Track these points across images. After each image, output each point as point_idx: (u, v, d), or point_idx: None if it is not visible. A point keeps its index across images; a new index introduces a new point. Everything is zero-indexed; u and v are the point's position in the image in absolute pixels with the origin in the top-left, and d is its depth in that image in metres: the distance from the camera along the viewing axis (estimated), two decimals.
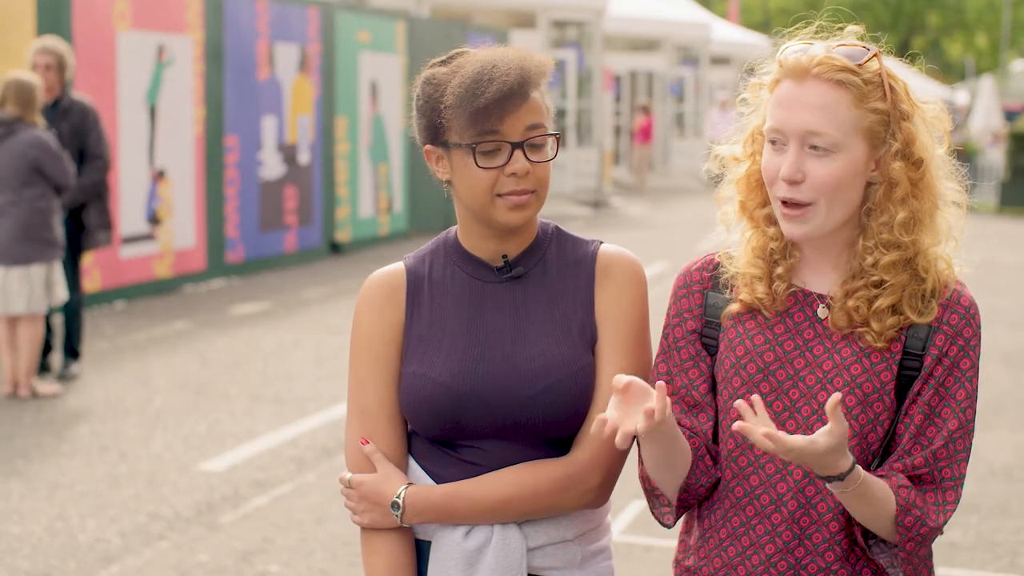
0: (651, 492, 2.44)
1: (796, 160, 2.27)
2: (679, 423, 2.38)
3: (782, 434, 2.10)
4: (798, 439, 2.10)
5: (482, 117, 2.35)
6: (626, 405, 2.17)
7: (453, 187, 2.46)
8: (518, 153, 2.38)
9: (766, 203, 2.38)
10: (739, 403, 2.14)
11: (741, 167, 2.42)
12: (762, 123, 2.35)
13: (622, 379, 2.17)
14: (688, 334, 2.41)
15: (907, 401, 2.30)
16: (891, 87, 2.29)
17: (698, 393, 2.40)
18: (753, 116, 2.40)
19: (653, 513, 2.47)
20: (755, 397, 2.16)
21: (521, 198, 2.39)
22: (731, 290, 2.39)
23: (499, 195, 2.39)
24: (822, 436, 2.11)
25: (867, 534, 2.32)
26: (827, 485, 2.20)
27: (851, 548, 2.32)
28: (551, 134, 2.42)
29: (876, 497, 2.22)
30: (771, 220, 2.37)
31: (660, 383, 2.14)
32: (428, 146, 2.45)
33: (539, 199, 2.42)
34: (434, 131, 2.43)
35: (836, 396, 2.09)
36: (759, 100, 2.39)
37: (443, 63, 2.46)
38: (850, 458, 2.17)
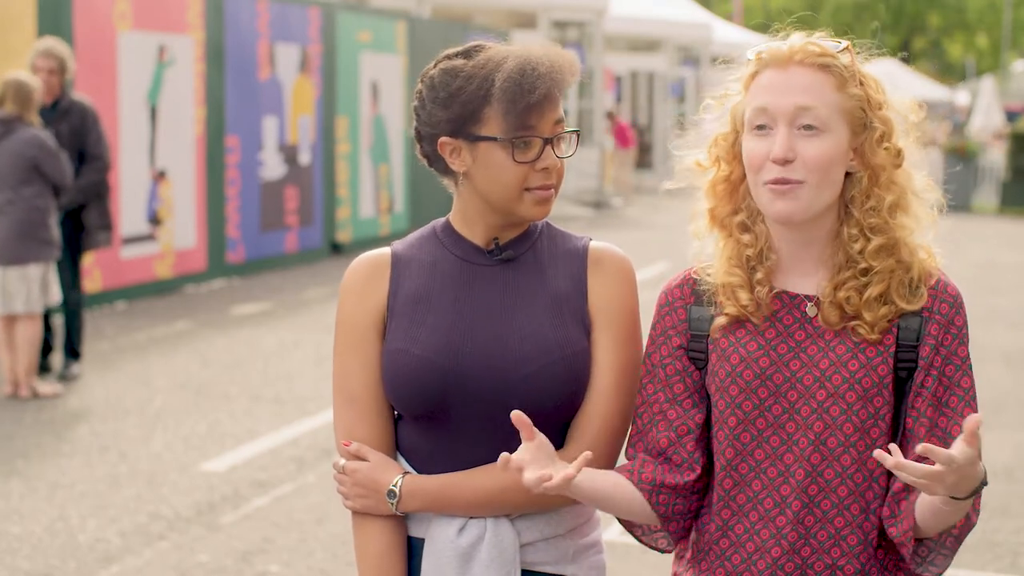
0: (627, 524, 2.46)
1: (787, 139, 2.27)
2: (659, 441, 2.39)
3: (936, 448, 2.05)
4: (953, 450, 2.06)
5: (531, 112, 2.36)
6: (538, 452, 2.24)
7: (469, 179, 2.43)
8: (548, 148, 2.39)
9: (737, 210, 2.38)
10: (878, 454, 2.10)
11: (707, 175, 2.42)
12: (728, 130, 2.36)
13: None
14: (674, 350, 2.41)
15: (911, 394, 2.30)
16: (861, 81, 2.32)
17: (680, 407, 2.39)
18: (716, 123, 2.41)
19: (642, 542, 2.49)
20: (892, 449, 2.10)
21: (547, 192, 2.41)
22: (715, 305, 2.38)
23: (527, 189, 2.40)
24: (958, 451, 2.06)
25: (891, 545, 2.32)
26: (952, 502, 2.15)
27: (858, 544, 2.32)
28: (573, 130, 2.43)
29: None
30: (744, 227, 2.37)
31: (581, 459, 2.18)
32: (445, 138, 2.41)
33: (557, 194, 2.44)
34: (461, 122, 2.39)
35: (976, 418, 2.06)
36: (723, 108, 2.39)
37: (463, 55, 2.42)
38: (983, 466, 2.15)
